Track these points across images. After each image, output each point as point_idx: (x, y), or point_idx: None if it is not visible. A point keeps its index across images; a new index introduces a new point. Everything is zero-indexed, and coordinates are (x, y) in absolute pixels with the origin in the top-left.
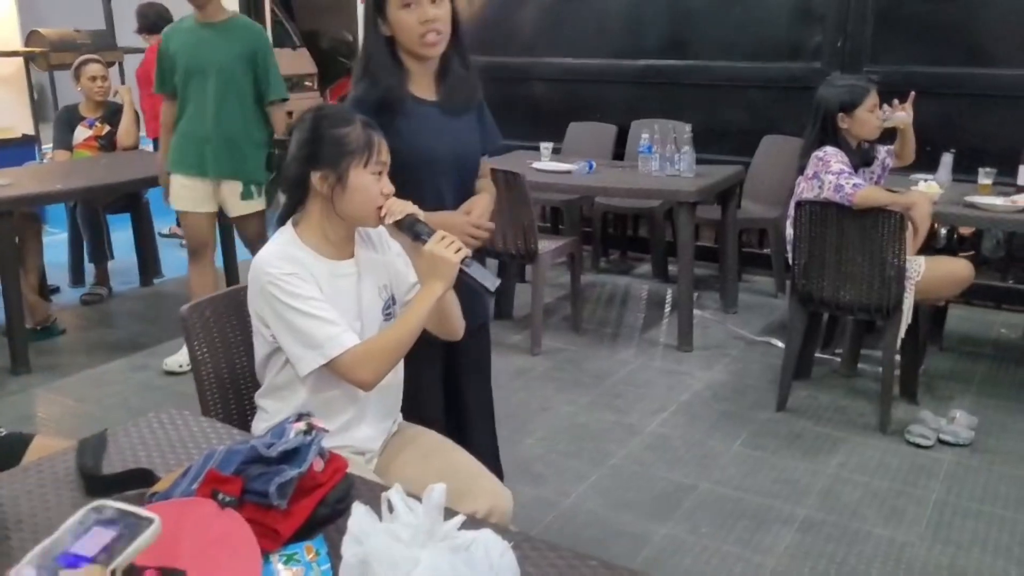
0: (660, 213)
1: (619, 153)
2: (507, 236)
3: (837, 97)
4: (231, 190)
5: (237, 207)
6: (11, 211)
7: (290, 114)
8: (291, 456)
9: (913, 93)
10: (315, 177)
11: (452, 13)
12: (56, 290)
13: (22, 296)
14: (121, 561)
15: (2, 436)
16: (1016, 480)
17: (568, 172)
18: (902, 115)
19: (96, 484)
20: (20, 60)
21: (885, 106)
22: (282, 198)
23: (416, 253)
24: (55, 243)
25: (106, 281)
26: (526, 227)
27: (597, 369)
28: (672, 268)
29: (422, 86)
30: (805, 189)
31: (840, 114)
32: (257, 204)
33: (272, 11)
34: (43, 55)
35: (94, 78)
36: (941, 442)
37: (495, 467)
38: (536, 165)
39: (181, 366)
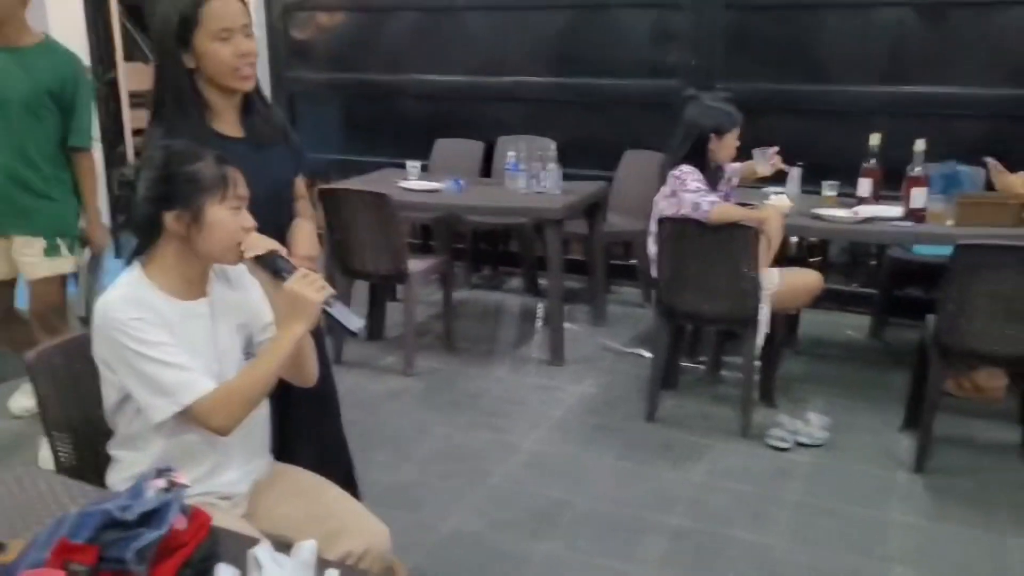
0: (530, 228)
1: (486, 169)
2: (377, 257)
3: (713, 120)
4: (28, 248)
5: (37, 268)
6: None
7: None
8: (150, 517)
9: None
10: (169, 217)
11: None
12: None
13: None
14: None
15: None
16: (868, 476)
17: (437, 191)
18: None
19: None
20: None
21: (758, 150)
22: (125, 241)
23: (276, 291)
24: None
25: None
26: (396, 249)
27: (472, 388)
28: (543, 282)
29: (227, 122)
30: (665, 207)
31: (712, 135)
32: (62, 264)
33: (121, 23)
34: None
35: None
36: (799, 444)
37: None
38: (404, 184)
39: (27, 410)
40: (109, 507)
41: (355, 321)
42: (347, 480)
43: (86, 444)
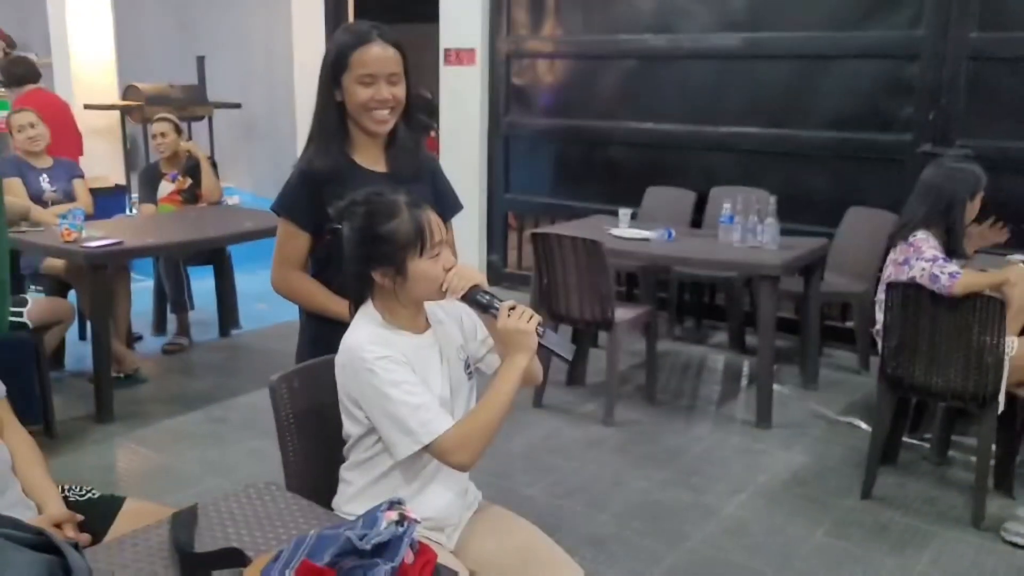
0: (739, 282)
1: (697, 220)
2: (583, 303)
3: (965, 184)
4: None
5: None
6: (106, 264)
7: None
8: (383, 549)
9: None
10: (375, 274)
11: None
12: (139, 338)
13: (111, 345)
14: None
15: (95, 498)
16: None
17: (647, 240)
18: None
19: (190, 561)
20: (117, 113)
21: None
22: None
23: (489, 325)
24: (138, 290)
25: (187, 331)
26: (603, 295)
27: (672, 444)
28: (750, 339)
29: (370, 157)
30: (894, 273)
31: (965, 200)
32: None
33: None
34: (138, 108)
35: (154, 136)
36: None
37: None
38: (614, 232)
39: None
40: (349, 535)
41: (567, 348)
42: None
43: (314, 464)
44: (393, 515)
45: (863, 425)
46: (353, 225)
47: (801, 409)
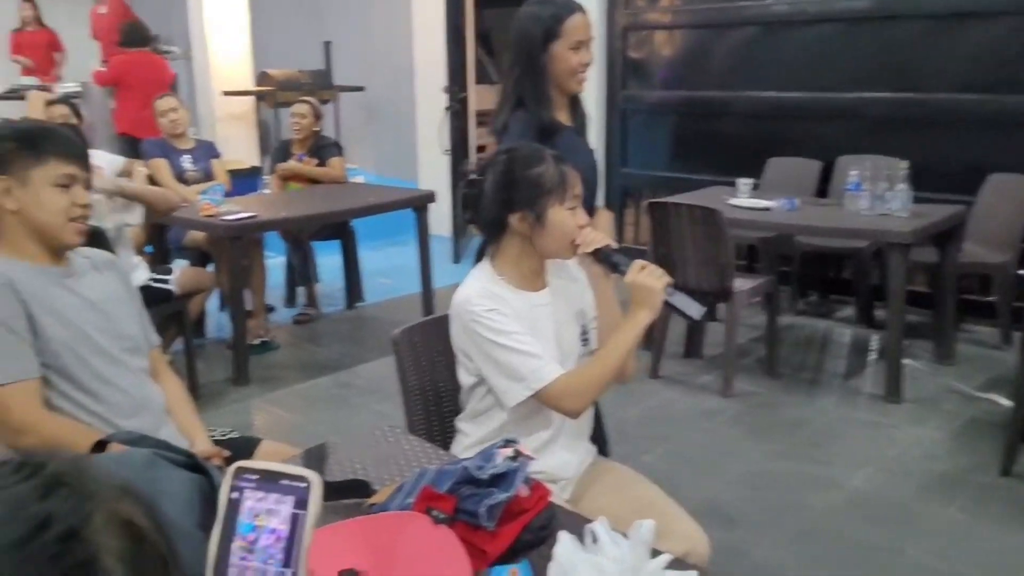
0: (867, 254)
1: (822, 191)
2: (701, 273)
3: None
4: None
5: None
6: (242, 236)
7: None
8: (500, 480)
9: None
10: (513, 218)
11: None
12: (272, 309)
13: (248, 313)
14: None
15: (236, 438)
16: None
17: (767, 209)
18: None
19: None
20: (252, 99)
21: None
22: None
23: (606, 284)
24: (271, 266)
25: (315, 303)
26: (722, 265)
27: (793, 416)
28: (879, 314)
29: (561, 114)
30: None
31: None
32: None
33: (474, 48)
34: (271, 94)
35: (292, 115)
36: None
37: None
38: (733, 201)
39: None
40: (467, 465)
41: (696, 307)
42: None
43: (434, 412)
44: (508, 451)
45: (1004, 401)
46: (497, 170)
47: (935, 384)
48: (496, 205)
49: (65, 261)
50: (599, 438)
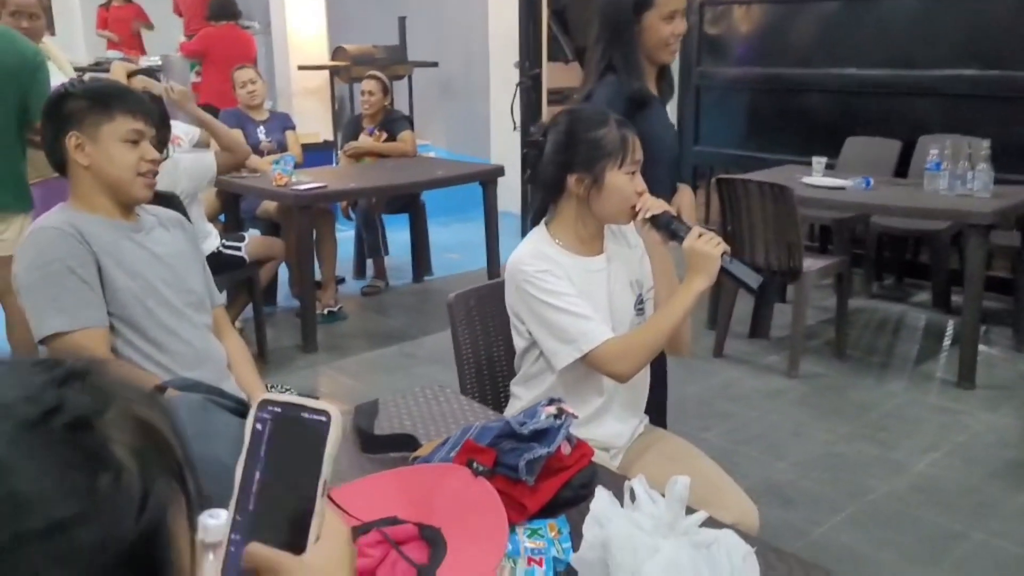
0: (945, 237)
1: (901, 171)
2: (770, 251)
3: None
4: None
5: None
6: (311, 205)
7: None
8: (541, 436)
9: None
10: (571, 179)
11: None
12: (342, 281)
13: (317, 283)
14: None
15: (293, 394)
16: None
17: (842, 188)
18: None
19: (368, 441)
20: (326, 73)
21: None
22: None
23: (664, 252)
24: (341, 239)
25: (383, 275)
26: (791, 243)
27: (860, 399)
28: (956, 299)
29: (650, 83)
30: None
31: None
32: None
33: (548, 25)
34: (345, 69)
35: (363, 92)
36: None
37: None
38: (806, 180)
39: None
40: (510, 420)
41: (754, 277)
42: None
43: (487, 376)
44: (552, 409)
45: None
46: (558, 130)
47: (1011, 372)
48: (554, 166)
49: (134, 217)
50: (659, 410)
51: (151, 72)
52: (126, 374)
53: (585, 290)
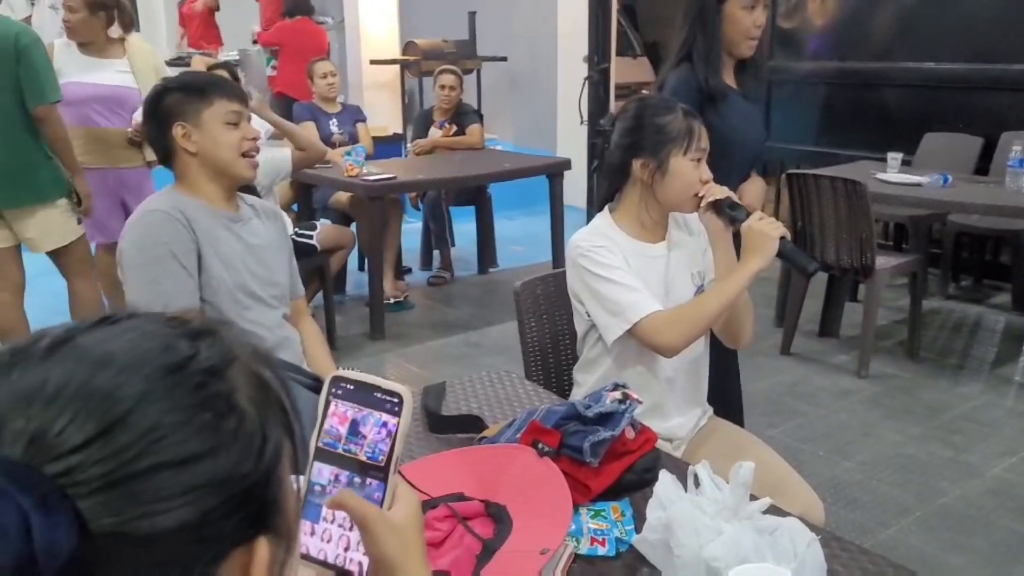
0: None
1: (983, 168)
2: (841, 248)
3: None
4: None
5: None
6: (382, 196)
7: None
8: (606, 419)
9: None
10: (636, 164)
11: None
12: (408, 271)
13: (384, 272)
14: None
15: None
16: None
17: (918, 184)
18: None
19: (436, 421)
20: (397, 68)
21: None
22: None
23: (726, 241)
24: (409, 231)
25: (449, 266)
26: (863, 240)
27: (933, 400)
28: None
29: (728, 76)
30: None
31: None
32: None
33: (618, 21)
34: (415, 63)
35: (443, 87)
36: None
37: None
38: (881, 176)
39: None
40: (575, 402)
41: (809, 261)
42: None
43: (552, 364)
44: (617, 394)
45: None
46: (627, 116)
47: None
48: (620, 150)
49: (235, 206)
50: (733, 407)
51: (229, 67)
52: (245, 336)
53: (640, 273)
